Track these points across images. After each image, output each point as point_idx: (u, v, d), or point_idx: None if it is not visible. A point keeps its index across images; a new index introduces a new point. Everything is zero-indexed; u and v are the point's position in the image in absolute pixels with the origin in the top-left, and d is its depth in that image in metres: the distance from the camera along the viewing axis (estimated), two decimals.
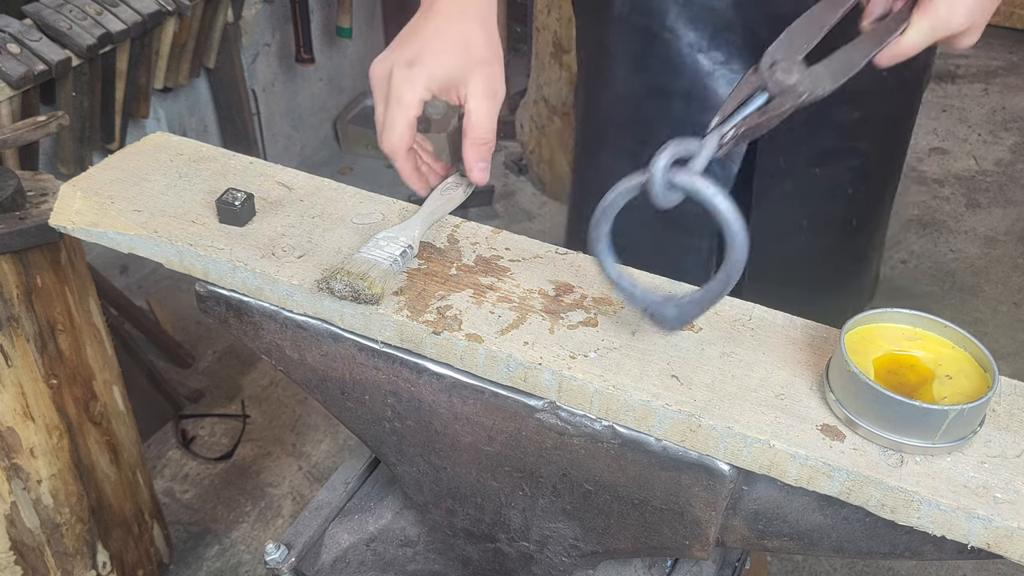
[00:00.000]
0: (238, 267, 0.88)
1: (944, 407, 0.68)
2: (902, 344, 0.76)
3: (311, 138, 3.48)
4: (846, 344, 0.72)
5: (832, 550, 0.77)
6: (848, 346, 0.73)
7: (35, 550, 1.55)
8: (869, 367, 0.74)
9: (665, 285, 0.87)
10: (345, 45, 3.48)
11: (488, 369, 0.81)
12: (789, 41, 0.79)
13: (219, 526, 2.09)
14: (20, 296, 1.34)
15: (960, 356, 0.75)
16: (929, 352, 0.75)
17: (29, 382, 1.40)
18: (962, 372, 0.73)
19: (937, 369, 0.74)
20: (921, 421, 0.69)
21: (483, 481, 0.90)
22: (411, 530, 1.08)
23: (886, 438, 0.70)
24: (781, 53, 0.78)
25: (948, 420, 0.68)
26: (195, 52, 2.48)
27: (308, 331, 0.89)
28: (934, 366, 0.74)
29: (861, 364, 0.72)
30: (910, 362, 0.74)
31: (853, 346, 0.74)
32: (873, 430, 0.71)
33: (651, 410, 0.75)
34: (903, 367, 0.74)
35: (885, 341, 0.76)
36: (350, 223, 0.95)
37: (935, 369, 0.74)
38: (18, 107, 1.87)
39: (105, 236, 0.94)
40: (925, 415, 0.68)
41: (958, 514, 0.67)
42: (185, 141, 1.08)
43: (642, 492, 0.81)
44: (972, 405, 0.68)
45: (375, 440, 0.95)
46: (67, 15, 1.96)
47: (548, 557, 0.94)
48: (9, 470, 1.44)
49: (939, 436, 0.69)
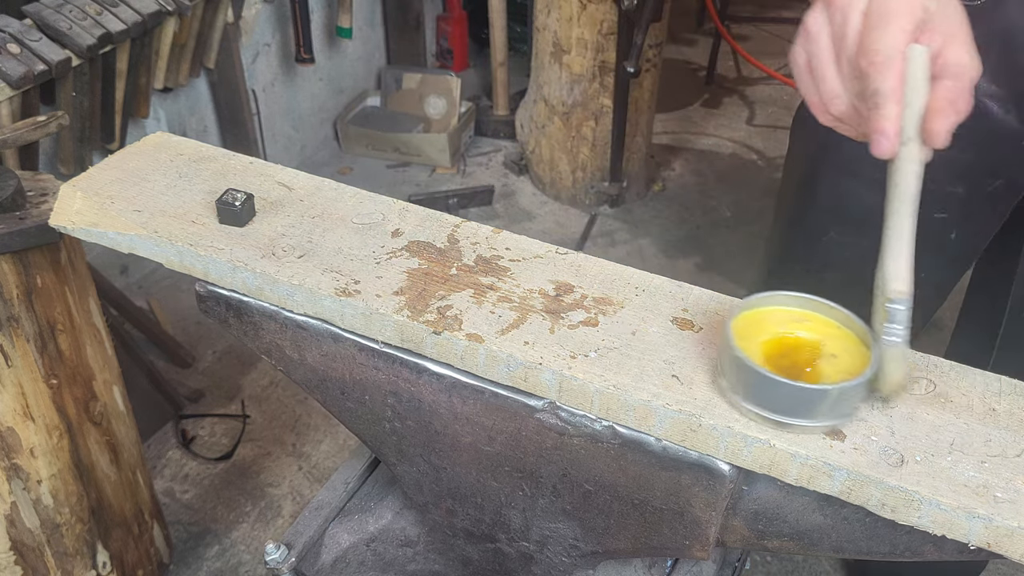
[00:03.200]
0: (238, 267, 0.88)
1: (824, 386, 0.70)
2: (790, 326, 0.77)
3: (311, 138, 3.48)
4: (735, 329, 0.74)
5: (832, 550, 0.77)
6: (737, 331, 0.75)
7: (35, 550, 1.55)
8: (757, 350, 0.75)
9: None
10: (345, 45, 3.48)
11: (488, 369, 0.81)
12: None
13: (219, 526, 2.09)
14: (20, 296, 1.34)
15: (845, 336, 0.76)
16: (816, 333, 0.77)
17: (29, 382, 1.40)
18: (847, 351, 0.75)
19: (823, 349, 0.75)
20: (804, 400, 0.71)
21: (483, 481, 0.90)
22: (411, 530, 1.08)
23: (772, 419, 0.72)
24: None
25: (829, 398, 0.70)
26: (195, 52, 2.48)
27: (308, 331, 0.89)
28: (820, 346, 0.76)
29: (749, 348, 0.74)
30: (797, 343, 0.76)
31: (742, 331, 0.76)
32: (760, 412, 0.72)
33: (651, 410, 0.75)
34: (791, 348, 0.76)
35: (773, 324, 0.77)
36: (350, 223, 0.95)
37: (821, 349, 0.75)
38: (18, 107, 1.87)
39: (105, 236, 0.94)
40: (807, 395, 0.70)
41: (958, 513, 0.67)
42: (185, 141, 1.08)
43: (642, 492, 0.81)
44: (852, 383, 0.70)
45: (375, 440, 0.95)
46: (67, 15, 1.96)
47: (548, 557, 0.94)
48: (9, 470, 1.44)
49: (822, 414, 0.71)
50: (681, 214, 3.25)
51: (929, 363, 0.79)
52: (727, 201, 3.31)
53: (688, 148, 3.65)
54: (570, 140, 3.16)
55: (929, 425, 0.73)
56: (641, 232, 3.15)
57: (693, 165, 3.54)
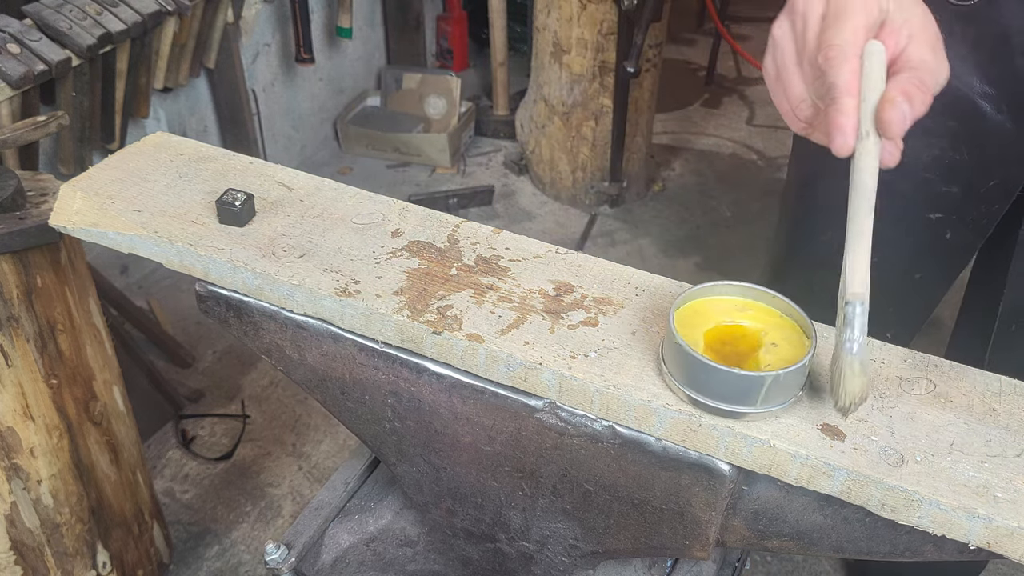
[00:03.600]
0: (238, 267, 0.88)
1: (762, 373, 0.71)
2: (732, 315, 0.78)
3: (311, 138, 3.48)
4: (678, 319, 0.75)
5: (832, 550, 0.77)
6: (680, 321, 0.76)
7: (35, 550, 1.55)
8: (699, 340, 0.76)
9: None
10: (345, 45, 3.48)
11: (488, 369, 0.81)
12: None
13: (219, 526, 2.09)
14: (20, 296, 1.34)
15: (786, 324, 0.77)
16: (757, 322, 0.78)
17: (29, 382, 1.40)
18: (787, 340, 0.76)
19: (764, 338, 0.76)
20: (742, 387, 0.72)
21: (483, 481, 0.90)
22: (411, 530, 1.08)
23: (713, 406, 0.73)
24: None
25: (767, 385, 0.71)
26: (195, 52, 2.48)
27: (308, 331, 0.89)
28: (761, 335, 0.77)
29: (691, 337, 0.74)
30: (739, 332, 0.77)
31: (685, 320, 0.77)
32: (701, 399, 0.73)
33: (651, 410, 0.75)
34: (733, 337, 0.76)
35: (716, 314, 0.78)
36: (350, 223, 0.95)
37: (762, 338, 0.76)
38: (18, 107, 1.87)
39: (105, 236, 0.94)
40: (745, 382, 0.71)
41: (958, 513, 0.67)
42: (185, 141, 1.08)
43: (642, 492, 0.81)
44: (788, 370, 0.71)
45: (375, 440, 0.95)
46: (67, 15, 1.96)
47: (548, 557, 0.94)
48: (9, 470, 1.44)
49: (761, 401, 0.72)
50: (681, 214, 3.25)
51: (929, 363, 0.79)
52: (727, 201, 3.31)
53: (688, 148, 3.65)
54: (570, 140, 3.16)
55: (929, 425, 0.73)
56: (641, 232, 3.15)
57: (693, 165, 3.54)
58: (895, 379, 0.77)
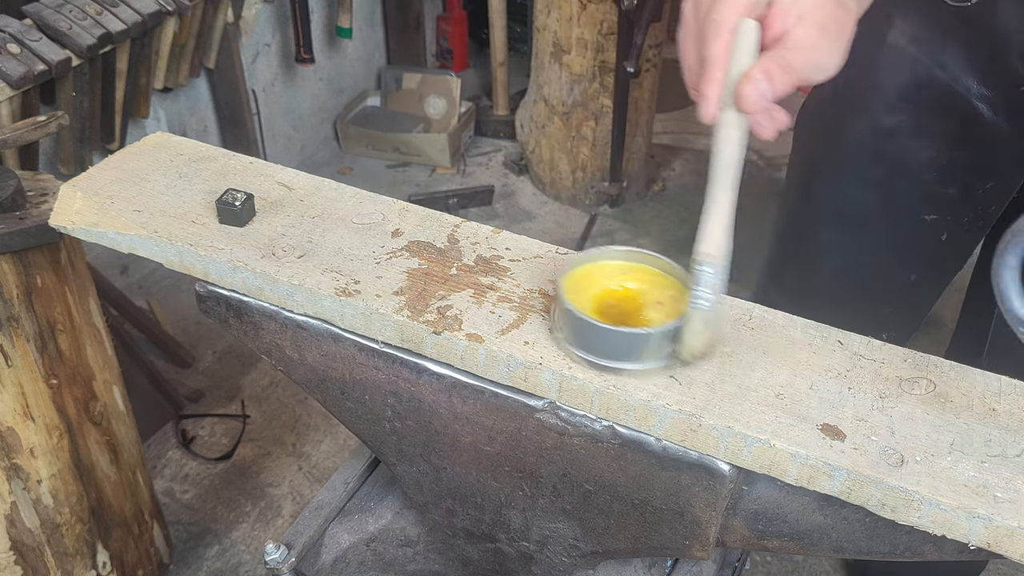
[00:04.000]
0: (238, 267, 0.88)
1: (644, 330, 0.75)
2: (619, 279, 0.82)
3: (311, 138, 3.48)
4: (568, 286, 0.79)
5: (832, 550, 0.77)
6: (569, 287, 0.79)
7: (35, 550, 1.55)
8: (588, 303, 0.79)
9: None
10: (345, 45, 3.48)
11: (488, 369, 0.81)
12: None
13: (219, 526, 2.09)
14: (20, 296, 1.34)
15: (670, 284, 0.81)
16: (643, 283, 0.82)
17: (29, 382, 1.40)
18: (671, 299, 0.80)
19: (649, 298, 0.80)
20: (628, 345, 0.75)
21: (483, 481, 0.90)
22: (411, 530, 1.08)
23: (601, 364, 0.76)
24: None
25: (648, 341, 0.75)
26: (195, 52, 2.48)
27: (308, 331, 0.89)
28: (647, 296, 0.81)
29: (580, 301, 0.78)
30: (626, 294, 0.81)
31: (575, 286, 0.80)
32: (591, 359, 0.76)
33: (651, 410, 0.75)
34: (620, 299, 0.80)
35: (604, 278, 0.82)
36: (350, 223, 0.95)
37: (647, 298, 0.80)
38: (18, 107, 1.87)
39: (105, 236, 0.94)
40: (630, 339, 0.75)
41: (958, 513, 0.67)
42: (185, 141, 1.08)
43: (642, 492, 0.81)
44: (668, 327, 0.75)
45: (375, 440, 0.95)
46: (67, 15, 1.96)
47: (548, 557, 0.94)
48: (9, 470, 1.44)
49: (645, 356, 0.75)
50: (681, 214, 3.25)
51: (929, 363, 0.79)
52: None
53: (688, 148, 3.65)
54: (570, 140, 3.16)
55: (929, 425, 0.73)
56: (641, 232, 3.15)
57: (693, 165, 3.53)
58: (895, 379, 0.77)
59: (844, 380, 0.77)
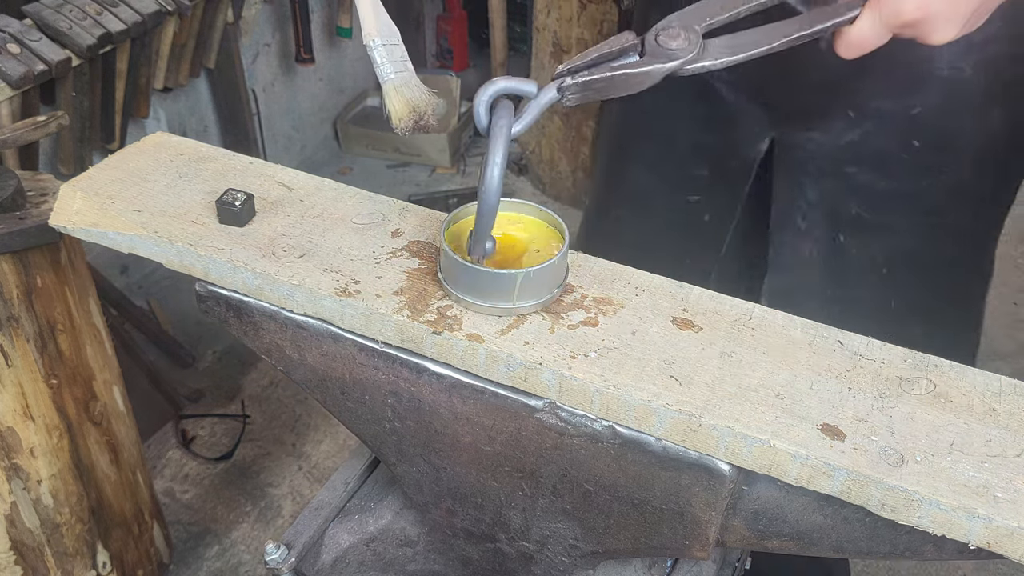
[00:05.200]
0: (238, 267, 0.88)
1: (512, 271, 0.80)
2: (506, 228, 0.88)
3: (311, 138, 3.48)
4: (456, 234, 0.85)
5: (832, 550, 0.77)
6: (457, 235, 0.85)
7: (35, 550, 1.55)
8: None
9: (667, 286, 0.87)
10: (345, 45, 3.48)
11: (488, 369, 0.81)
12: (695, 12, 0.74)
13: (219, 526, 2.09)
14: (20, 296, 1.34)
15: (550, 233, 0.88)
16: (527, 232, 0.88)
17: (29, 382, 1.40)
18: (549, 245, 0.87)
19: (530, 245, 0.87)
20: (499, 285, 0.80)
21: (483, 481, 0.90)
22: (411, 530, 1.08)
23: (481, 305, 0.81)
24: (677, 20, 0.74)
25: (519, 281, 0.79)
26: (195, 52, 2.48)
27: (308, 331, 0.89)
28: (528, 243, 0.87)
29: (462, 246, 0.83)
30: (510, 242, 0.87)
31: (461, 234, 0.85)
32: (470, 299, 0.81)
33: (651, 410, 0.75)
34: (504, 246, 0.86)
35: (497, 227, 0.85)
36: (350, 223, 0.95)
37: (528, 245, 0.87)
38: (18, 107, 1.87)
39: (105, 236, 0.94)
40: (501, 280, 0.80)
41: (958, 513, 0.67)
42: (185, 141, 1.08)
43: (642, 492, 0.81)
44: (537, 268, 0.80)
45: (375, 440, 0.95)
46: (67, 15, 1.96)
47: (548, 557, 0.94)
48: (9, 470, 1.44)
49: (517, 296, 0.80)
50: None
51: (929, 363, 0.79)
52: None
53: None
54: (570, 140, 3.16)
55: (929, 425, 0.73)
56: None
57: None
58: (895, 379, 0.77)
59: (844, 380, 0.77)
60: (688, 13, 0.75)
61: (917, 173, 1.07)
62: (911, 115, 1.01)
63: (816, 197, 1.12)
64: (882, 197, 1.10)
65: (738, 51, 0.73)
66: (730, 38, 0.74)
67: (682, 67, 0.73)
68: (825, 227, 1.14)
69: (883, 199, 1.10)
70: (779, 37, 0.74)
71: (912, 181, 1.08)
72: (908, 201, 1.10)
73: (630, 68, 0.74)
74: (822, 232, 1.14)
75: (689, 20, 0.74)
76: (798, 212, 1.14)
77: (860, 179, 1.09)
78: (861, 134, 1.06)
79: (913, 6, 0.70)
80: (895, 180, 1.08)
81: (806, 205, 1.13)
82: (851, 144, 1.07)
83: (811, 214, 1.13)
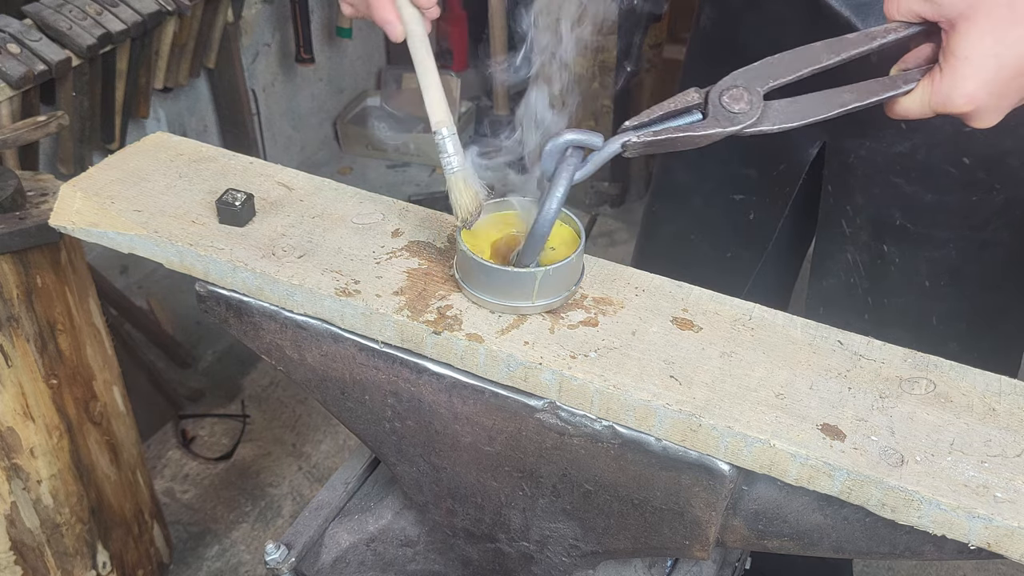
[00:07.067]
0: (238, 267, 0.88)
1: (531, 270, 0.80)
2: (519, 227, 0.87)
3: (311, 138, 3.47)
4: (470, 235, 0.85)
5: (832, 550, 0.77)
6: (469, 235, 0.85)
7: (35, 550, 1.55)
8: (487, 248, 0.85)
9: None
10: (345, 45, 3.48)
11: (488, 369, 0.81)
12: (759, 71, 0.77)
13: (219, 526, 2.09)
14: (20, 296, 1.34)
15: (565, 232, 0.87)
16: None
17: (29, 382, 1.40)
18: (564, 244, 0.86)
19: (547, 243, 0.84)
20: (518, 284, 0.80)
21: (483, 481, 0.90)
22: (411, 530, 1.08)
23: (497, 303, 0.82)
24: (742, 79, 0.76)
25: (538, 280, 0.80)
26: (195, 52, 2.48)
27: (308, 331, 0.89)
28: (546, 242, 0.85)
29: (479, 247, 0.84)
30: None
31: (475, 234, 0.86)
32: (487, 298, 0.82)
33: (651, 410, 0.75)
34: (518, 244, 0.85)
35: (504, 226, 0.88)
36: (350, 223, 0.95)
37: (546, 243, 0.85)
38: (18, 107, 1.87)
39: (105, 236, 0.94)
40: (519, 278, 0.80)
41: (958, 513, 0.67)
42: (185, 141, 1.08)
43: (642, 492, 0.81)
44: (556, 266, 0.80)
45: (375, 440, 0.95)
46: (67, 15, 1.96)
47: (548, 557, 0.94)
48: (9, 470, 1.44)
49: (536, 295, 0.81)
50: None
51: (929, 363, 0.79)
52: None
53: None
54: None
55: (929, 425, 0.73)
56: None
57: None
58: (895, 379, 0.77)
59: (844, 380, 0.77)
60: (753, 73, 0.77)
61: (965, 189, 1.08)
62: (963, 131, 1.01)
63: (863, 203, 1.12)
64: (928, 209, 1.10)
65: (795, 118, 0.76)
66: (789, 103, 0.76)
67: (742, 131, 0.76)
68: (870, 234, 1.15)
69: (929, 211, 1.10)
70: (836, 107, 0.77)
71: (959, 196, 1.09)
72: (954, 216, 1.10)
73: (693, 131, 0.76)
74: (867, 238, 1.15)
75: (753, 81, 0.76)
76: (844, 217, 1.15)
77: (906, 190, 1.09)
78: (911, 146, 1.06)
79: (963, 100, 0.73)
80: (942, 194, 1.09)
81: (852, 211, 1.14)
82: (900, 155, 1.08)
83: (856, 220, 1.14)
